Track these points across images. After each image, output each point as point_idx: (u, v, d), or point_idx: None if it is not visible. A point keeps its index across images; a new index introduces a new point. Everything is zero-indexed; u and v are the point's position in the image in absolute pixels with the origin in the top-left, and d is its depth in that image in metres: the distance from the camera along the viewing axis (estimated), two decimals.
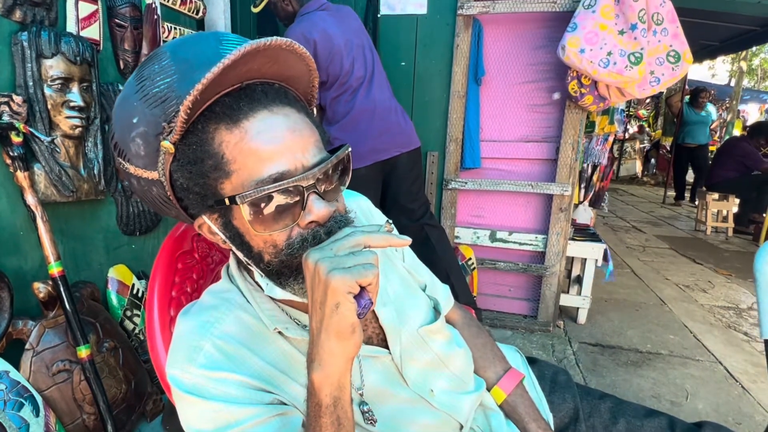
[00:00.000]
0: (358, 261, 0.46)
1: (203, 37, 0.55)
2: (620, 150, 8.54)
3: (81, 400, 1.34)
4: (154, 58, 0.54)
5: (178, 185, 0.53)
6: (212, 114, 0.50)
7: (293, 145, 0.51)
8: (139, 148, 0.52)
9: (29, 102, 1.26)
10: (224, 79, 0.48)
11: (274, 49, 0.49)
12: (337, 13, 1.95)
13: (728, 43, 4.68)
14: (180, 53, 0.52)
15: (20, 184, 1.24)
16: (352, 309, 0.45)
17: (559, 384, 0.89)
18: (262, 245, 0.54)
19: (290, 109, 0.53)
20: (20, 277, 1.31)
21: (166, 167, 0.51)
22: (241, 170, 0.50)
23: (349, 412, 0.50)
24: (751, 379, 2.01)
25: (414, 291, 0.78)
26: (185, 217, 0.58)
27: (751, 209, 4.85)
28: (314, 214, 0.52)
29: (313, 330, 0.49)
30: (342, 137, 1.97)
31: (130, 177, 0.56)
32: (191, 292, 0.76)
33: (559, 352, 2.21)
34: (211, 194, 0.52)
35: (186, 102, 0.46)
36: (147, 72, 0.53)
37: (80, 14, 1.42)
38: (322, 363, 0.48)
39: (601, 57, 1.84)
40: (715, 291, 3.12)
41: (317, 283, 0.46)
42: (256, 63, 0.50)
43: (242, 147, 0.50)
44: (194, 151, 0.51)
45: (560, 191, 2.25)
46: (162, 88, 0.50)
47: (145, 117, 0.51)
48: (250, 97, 0.51)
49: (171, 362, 0.56)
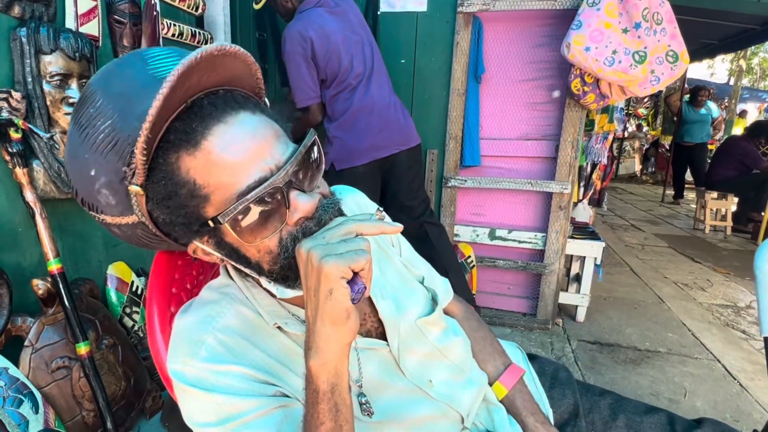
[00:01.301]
0: (350, 247, 0.46)
1: (127, 62, 0.53)
2: (619, 148, 8.55)
3: (80, 397, 1.34)
4: (85, 100, 0.52)
5: (161, 221, 0.53)
6: (168, 144, 0.49)
7: (259, 149, 0.50)
8: (108, 198, 0.52)
9: (28, 98, 1.26)
10: (168, 105, 0.46)
11: (207, 59, 0.46)
12: (336, 8, 1.94)
13: (727, 41, 4.68)
14: (110, 88, 0.51)
15: (19, 181, 1.24)
16: (345, 294, 0.46)
17: (560, 380, 0.89)
18: (257, 255, 0.54)
19: (244, 113, 0.52)
20: (19, 273, 1.30)
21: (142, 209, 0.51)
22: (217, 190, 0.49)
23: (347, 398, 0.51)
24: (748, 376, 2.01)
25: (411, 283, 0.78)
26: (178, 247, 0.58)
27: (749, 208, 4.86)
28: (300, 210, 0.52)
29: (308, 318, 0.49)
30: (341, 135, 1.97)
31: (110, 226, 0.55)
32: (191, 289, 0.76)
33: (558, 350, 2.22)
34: (195, 221, 0.52)
35: (140, 143, 0.45)
36: (84, 119, 0.51)
37: (79, 10, 1.41)
38: (318, 350, 0.48)
39: (606, 55, 1.84)
40: (713, 289, 3.12)
41: (310, 270, 0.46)
42: (194, 78, 0.48)
43: (210, 168, 0.49)
44: (165, 186, 0.50)
45: (560, 189, 2.25)
46: (107, 132, 0.49)
47: (102, 166, 0.50)
48: (199, 115, 0.49)
49: (172, 357, 0.56)
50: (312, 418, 0.50)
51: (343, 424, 0.50)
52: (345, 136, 1.97)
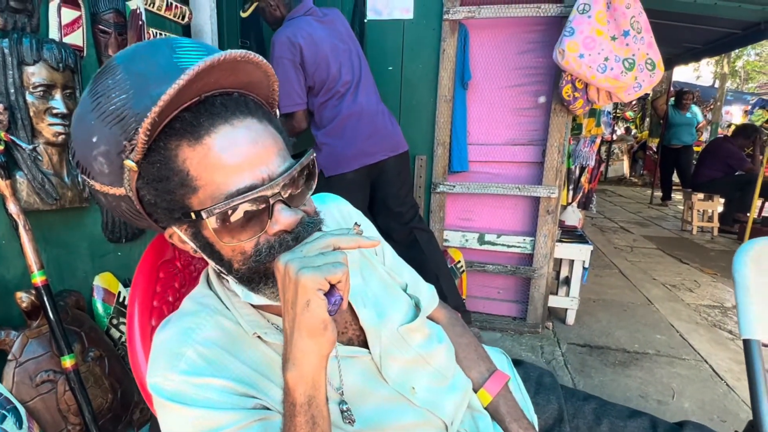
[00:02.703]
0: (327, 260, 0.47)
1: (155, 46, 0.54)
2: (608, 151, 8.64)
3: (66, 410, 1.32)
4: (106, 71, 0.53)
5: (146, 201, 0.54)
6: (173, 131, 0.50)
7: (256, 158, 0.52)
8: (103, 166, 0.53)
9: (11, 109, 1.24)
10: (182, 95, 0.48)
11: (230, 62, 0.49)
12: (324, 17, 1.95)
13: (711, 45, 4.76)
14: (133, 66, 0.52)
15: (2, 193, 1.23)
16: (322, 306, 0.46)
17: (544, 386, 0.90)
18: (231, 253, 0.55)
19: (251, 120, 0.53)
20: (2, 286, 1.29)
21: (132, 184, 0.52)
22: (207, 186, 0.51)
23: (324, 410, 0.51)
24: (735, 377, 2.04)
25: (394, 291, 0.79)
26: (156, 228, 0.59)
27: (735, 209, 4.92)
28: (281, 224, 0.53)
29: (286, 330, 0.49)
30: (329, 142, 1.97)
31: (97, 193, 0.56)
32: (173, 302, 0.76)
33: (548, 353, 2.23)
34: (179, 208, 0.53)
35: (145, 123, 0.46)
36: (101, 87, 0.52)
37: (63, 21, 1.40)
38: (295, 362, 0.48)
39: (599, 62, 1.87)
40: (701, 290, 3.16)
41: (288, 282, 0.47)
42: (213, 76, 0.50)
43: (206, 163, 0.50)
44: (159, 169, 0.51)
45: (547, 194, 2.27)
46: (118, 105, 0.50)
47: (105, 136, 0.51)
48: (209, 112, 0.51)
49: (152, 371, 0.56)
50: (289, 431, 0.50)
51: None
52: (334, 143, 1.97)
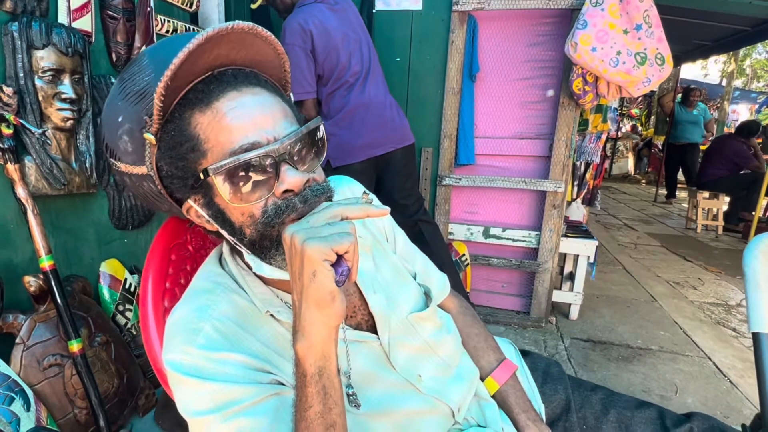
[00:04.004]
0: (334, 230, 0.47)
1: (180, 37, 0.58)
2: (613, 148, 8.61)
3: (72, 394, 1.33)
4: (134, 61, 0.58)
5: (164, 173, 0.56)
6: (186, 101, 0.53)
7: (262, 119, 0.54)
8: (127, 144, 0.56)
9: (20, 93, 1.24)
10: (195, 67, 0.51)
11: (238, 33, 0.50)
12: (336, 5, 1.93)
13: (720, 42, 4.71)
14: (156, 53, 0.57)
15: (10, 177, 1.23)
16: (329, 276, 0.46)
17: (552, 376, 0.90)
18: (241, 218, 0.56)
19: (260, 89, 0.56)
20: (11, 270, 1.29)
21: (152, 159, 0.54)
22: (215, 147, 0.53)
23: (336, 381, 0.51)
24: (739, 374, 2.04)
25: (405, 279, 0.79)
26: (178, 210, 0.60)
27: (740, 207, 4.90)
28: (287, 183, 0.53)
29: (294, 302, 0.49)
30: (337, 132, 1.96)
31: (123, 175, 0.59)
32: (185, 284, 0.76)
33: (551, 347, 2.23)
34: (191, 175, 0.54)
35: (158, 89, 0.48)
36: (128, 74, 0.57)
37: (72, 5, 1.40)
38: (304, 333, 0.48)
39: (611, 56, 1.86)
40: (704, 288, 3.16)
41: (294, 253, 0.47)
42: (224, 49, 0.52)
43: (214, 125, 0.52)
44: (173, 137, 0.53)
45: (553, 188, 2.27)
46: (141, 86, 0.54)
47: (129, 114, 0.54)
48: (220, 80, 0.54)
49: (169, 347, 0.56)
50: (300, 402, 0.50)
51: (332, 406, 0.50)
52: (341, 134, 1.96)
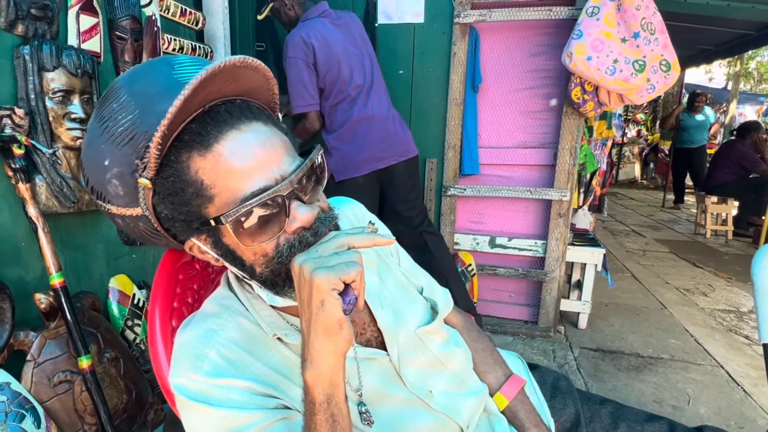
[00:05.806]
0: (342, 260, 0.48)
1: (154, 65, 0.56)
2: (619, 154, 8.57)
3: (82, 410, 1.34)
4: (110, 96, 0.54)
5: (163, 216, 0.55)
6: (182, 143, 0.51)
7: (267, 159, 0.53)
8: (117, 188, 0.54)
9: (31, 114, 1.27)
10: (187, 107, 0.49)
11: (230, 68, 0.50)
12: (339, 20, 1.97)
13: (724, 47, 4.70)
14: (135, 87, 0.53)
15: (22, 196, 1.25)
16: (337, 305, 0.47)
17: (560, 389, 0.89)
18: (253, 257, 0.56)
19: (257, 123, 0.54)
20: (22, 288, 1.31)
21: (148, 202, 0.53)
22: (222, 192, 0.52)
23: (344, 409, 0.51)
24: (752, 382, 2.00)
25: (411, 293, 0.79)
26: (175, 244, 0.60)
27: (750, 212, 4.85)
28: (299, 220, 0.54)
29: (303, 330, 0.50)
30: (340, 146, 1.98)
31: (114, 217, 0.57)
32: (192, 303, 0.77)
33: (561, 357, 2.21)
34: (197, 219, 0.54)
35: (155, 138, 0.47)
36: (107, 112, 0.53)
37: (81, 27, 1.43)
38: (313, 361, 0.49)
39: (607, 65, 1.86)
40: (715, 294, 3.12)
41: (303, 283, 0.48)
42: (215, 85, 0.51)
43: (219, 170, 0.51)
44: (173, 183, 0.52)
45: (559, 197, 2.26)
46: (126, 126, 0.51)
47: (116, 157, 0.52)
48: (215, 120, 0.52)
49: (175, 372, 0.56)
50: (309, 429, 0.50)
51: None
52: (344, 147, 1.98)
